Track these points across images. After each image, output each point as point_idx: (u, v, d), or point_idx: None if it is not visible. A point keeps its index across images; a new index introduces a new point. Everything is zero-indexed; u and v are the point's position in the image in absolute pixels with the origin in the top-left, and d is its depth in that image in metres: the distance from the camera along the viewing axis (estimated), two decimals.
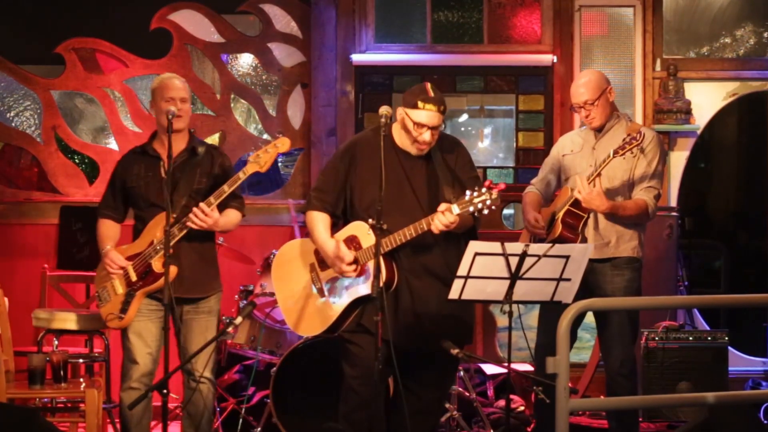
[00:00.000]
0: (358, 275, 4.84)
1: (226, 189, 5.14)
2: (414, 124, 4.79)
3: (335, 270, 4.88)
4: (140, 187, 5.31)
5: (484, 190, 4.53)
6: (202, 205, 5.13)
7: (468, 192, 4.56)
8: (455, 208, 4.58)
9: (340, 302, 4.89)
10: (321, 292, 4.96)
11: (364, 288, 4.82)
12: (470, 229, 4.84)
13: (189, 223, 5.14)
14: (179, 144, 5.33)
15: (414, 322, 4.81)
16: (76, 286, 7.18)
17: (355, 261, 4.85)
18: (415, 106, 4.78)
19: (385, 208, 4.66)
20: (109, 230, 5.44)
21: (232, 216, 5.34)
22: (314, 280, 5.00)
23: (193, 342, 5.27)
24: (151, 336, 5.28)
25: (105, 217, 5.46)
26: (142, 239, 5.29)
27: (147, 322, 5.28)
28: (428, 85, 4.85)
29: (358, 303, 4.87)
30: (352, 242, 4.86)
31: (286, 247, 5.20)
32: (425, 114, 4.77)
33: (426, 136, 4.79)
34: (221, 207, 5.23)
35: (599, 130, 5.62)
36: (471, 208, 4.56)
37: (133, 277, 5.27)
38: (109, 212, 5.45)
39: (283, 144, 5.15)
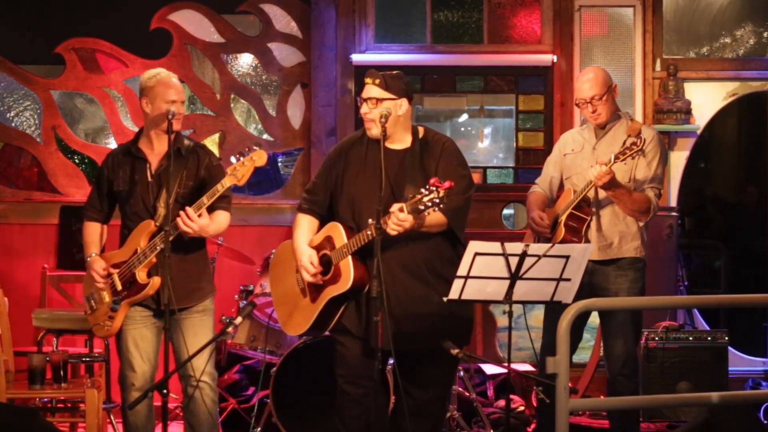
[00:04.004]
0: (332, 276, 4.84)
1: (206, 201, 4.99)
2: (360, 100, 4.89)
3: (303, 276, 4.92)
4: (126, 192, 5.17)
5: (432, 188, 4.52)
6: (188, 209, 4.98)
7: (422, 190, 4.55)
8: (405, 208, 4.58)
9: (317, 302, 4.91)
10: (303, 292, 4.98)
11: (337, 288, 4.82)
12: (449, 228, 4.80)
13: (178, 227, 4.99)
14: (164, 146, 5.16)
15: (390, 323, 4.72)
16: (76, 286, 7.17)
17: (328, 264, 4.84)
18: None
19: (365, 205, 4.72)
20: (93, 234, 5.29)
21: (221, 218, 5.18)
22: (298, 280, 5.02)
23: (186, 342, 5.11)
24: (147, 343, 5.15)
25: (90, 219, 5.31)
26: (127, 246, 5.15)
27: (143, 329, 5.15)
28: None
29: (338, 303, 4.87)
30: (329, 242, 4.87)
31: (280, 248, 5.21)
32: (365, 88, 4.84)
33: (363, 108, 4.82)
34: (210, 209, 5.08)
35: (602, 128, 5.61)
36: (421, 207, 4.54)
37: (119, 287, 5.13)
38: (94, 214, 5.31)
39: (260, 157, 4.95)
